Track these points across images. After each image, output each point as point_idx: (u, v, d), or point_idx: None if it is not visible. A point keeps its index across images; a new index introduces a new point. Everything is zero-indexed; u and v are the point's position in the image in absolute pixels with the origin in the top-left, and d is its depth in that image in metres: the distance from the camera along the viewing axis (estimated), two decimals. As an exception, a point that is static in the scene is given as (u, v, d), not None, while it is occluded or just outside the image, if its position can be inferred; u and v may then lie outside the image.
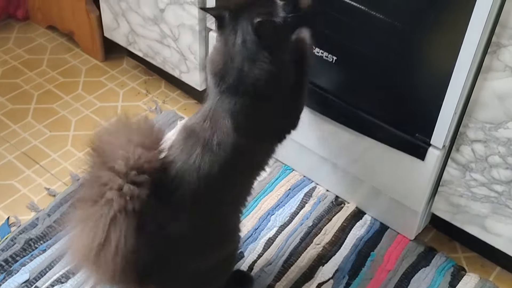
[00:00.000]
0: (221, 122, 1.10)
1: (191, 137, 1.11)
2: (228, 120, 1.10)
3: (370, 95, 1.37)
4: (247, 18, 1.08)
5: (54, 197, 1.57)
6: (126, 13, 1.76)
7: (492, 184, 1.27)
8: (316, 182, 1.63)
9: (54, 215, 1.52)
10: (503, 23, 1.09)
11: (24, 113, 1.80)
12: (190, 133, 1.12)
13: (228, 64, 1.09)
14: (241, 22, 1.08)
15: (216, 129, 1.10)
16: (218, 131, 1.10)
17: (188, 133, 1.13)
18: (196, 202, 1.10)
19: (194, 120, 1.14)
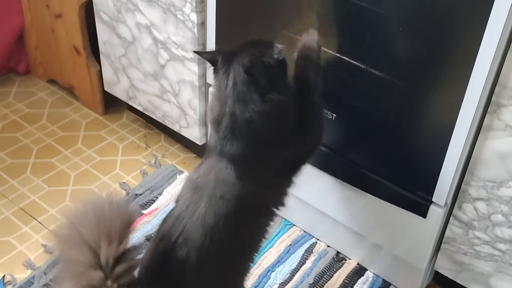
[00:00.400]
0: (224, 172, 1.07)
1: (196, 191, 1.09)
2: (231, 169, 1.07)
3: (370, 152, 1.36)
4: (239, 60, 1.07)
5: (51, 254, 1.55)
6: (126, 69, 1.77)
7: (495, 243, 1.26)
8: (317, 237, 1.61)
9: (51, 273, 1.49)
10: (502, 83, 1.09)
11: (23, 168, 1.79)
12: (194, 187, 1.10)
13: (222, 109, 1.08)
14: (233, 64, 1.07)
15: (220, 180, 1.07)
16: (221, 182, 1.07)
17: (193, 187, 1.10)
18: (201, 259, 1.07)
19: (199, 173, 1.12)
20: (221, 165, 1.08)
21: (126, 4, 1.64)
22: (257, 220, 1.15)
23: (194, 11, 1.49)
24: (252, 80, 1.05)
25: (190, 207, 1.08)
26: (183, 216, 1.08)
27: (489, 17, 1.03)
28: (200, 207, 1.07)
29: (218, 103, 1.09)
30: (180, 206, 1.10)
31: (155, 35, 1.62)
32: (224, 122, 1.07)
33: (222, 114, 1.08)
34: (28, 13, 1.96)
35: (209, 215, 1.06)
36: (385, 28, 1.20)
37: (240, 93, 1.06)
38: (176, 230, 1.08)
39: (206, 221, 1.06)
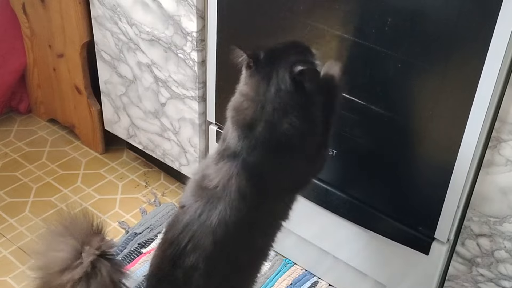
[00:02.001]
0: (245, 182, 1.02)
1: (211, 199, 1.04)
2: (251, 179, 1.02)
3: (371, 188, 1.36)
4: (285, 64, 0.99)
5: (49, 294, 1.52)
6: (127, 107, 1.78)
7: (499, 280, 1.24)
8: (319, 276, 1.59)
9: (48, 313, 1.46)
10: (502, 118, 1.10)
11: (22, 207, 1.78)
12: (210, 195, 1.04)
13: (258, 114, 1.00)
14: (276, 68, 0.99)
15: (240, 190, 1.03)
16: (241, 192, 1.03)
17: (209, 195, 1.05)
18: (210, 268, 1.05)
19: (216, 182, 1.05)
20: (243, 175, 1.02)
21: (128, 43, 1.66)
22: (267, 232, 1.12)
23: (195, 49, 1.51)
24: (297, 90, 0.98)
25: (203, 216, 1.04)
26: (193, 223, 1.05)
27: (487, 52, 1.04)
28: (212, 216, 1.03)
29: (252, 105, 1.01)
30: (191, 213, 1.06)
31: (156, 74, 1.64)
32: (258, 129, 1.00)
33: (257, 120, 1.00)
34: (31, 52, 1.98)
35: (221, 225, 1.03)
36: (384, 65, 1.21)
37: (282, 102, 0.98)
38: (186, 236, 1.05)
39: (217, 230, 1.03)
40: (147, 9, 1.55)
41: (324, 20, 1.26)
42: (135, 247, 1.64)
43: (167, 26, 1.54)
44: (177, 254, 1.07)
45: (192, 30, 1.49)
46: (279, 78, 0.99)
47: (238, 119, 1.03)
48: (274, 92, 0.99)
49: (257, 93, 1.01)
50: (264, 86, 1.00)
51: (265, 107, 0.99)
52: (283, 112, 0.99)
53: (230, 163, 1.04)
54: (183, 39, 1.52)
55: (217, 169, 1.06)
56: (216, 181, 1.06)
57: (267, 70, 1.00)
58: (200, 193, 1.07)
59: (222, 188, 1.05)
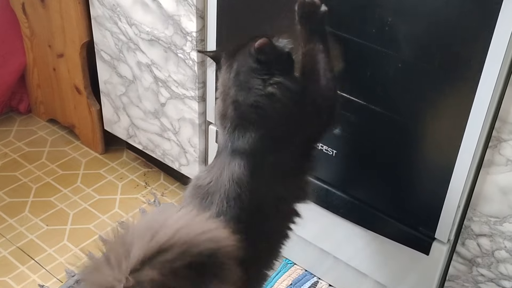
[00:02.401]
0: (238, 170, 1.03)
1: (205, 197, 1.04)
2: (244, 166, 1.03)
3: (371, 188, 1.36)
4: (243, 53, 1.05)
5: (48, 295, 1.52)
6: (127, 107, 1.78)
7: (500, 280, 1.24)
8: (319, 276, 1.58)
9: (48, 314, 1.46)
10: (503, 118, 1.10)
11: (21, 207, 1.78)
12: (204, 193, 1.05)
13: (226, 101, 1.05)
14: (237, 58, 1.06)
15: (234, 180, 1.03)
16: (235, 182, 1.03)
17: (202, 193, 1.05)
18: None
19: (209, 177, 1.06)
20: (234, 164, 1.03)
21: (127, 43, 1.66)
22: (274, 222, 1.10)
23: (195, 49, 1.50)
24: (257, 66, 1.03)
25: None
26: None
27: (488, 52, 1.04)
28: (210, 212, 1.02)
29: (222, 97, 1.06)
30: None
31: (155, 74, 1.64)
32: (229, 113, 1.04)
33: (226, 106, 1.05)
34: (31, 52, 1.98)
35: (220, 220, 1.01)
36: (384, 65, 1.21)
37: (242, 81, 1.03)
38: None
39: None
40: (147, 9, 1.55)
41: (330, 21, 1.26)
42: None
43: (167, 26, 1.53)
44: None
45: (192, 30, 1.49)
46: (238, 65, 1.05)
47: (216, 115, 1.09)
48: (234, 77, 1.05)
49: (223, 85, 1.07)
50: (227, 76, 1.06)
51: (229, 93, 1.05)
52: (246, 90, 1.03)
53: (219, 159, 1.07)
54: (183, 39, 1.52)
55: (209, 169, 1.09)
56: (209, 178, 1.07)
57: (230, 63, 1.07)
58: (195, 193, 1.08)
59: (215, 182, 1.05)
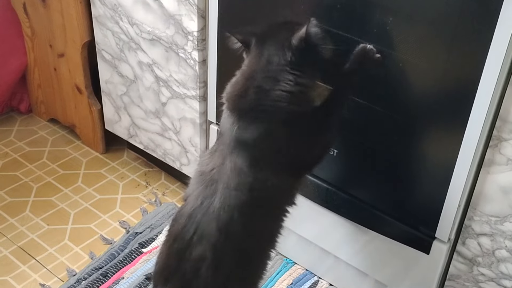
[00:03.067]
0: (239, 160, 1.03)
1: (210, 184, 1.05)
2: (246, 156, 1.03)
3: (371, 187, 1.36)
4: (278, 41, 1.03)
5: (49, 294, 1.53)
6: (128, 107, 1.78)
7: (500, 279, 1.24)
8: (319, 276, 1.59)
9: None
10: (503, 117, 1.10)
11: (22, 206, 1.78)
12: (208, 179, 1.06)
13: (248, 84, 1.03)
14: (268, 46, 1.03)
15: (235, 169, 1.03)
16: (236, 171, 1.03)
17: (207, 180, 1.06)
18: (217, 256, 1.04)
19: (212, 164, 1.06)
20: (236, 152, 1.03)
21: (129, 43, 1.66)
22: (272, 213, 1.11)
23: (196, 49, 1.51)
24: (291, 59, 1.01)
25: (205, 202, 1.04)
26: (196, 213, 1.04)
27: (488, 51, 1.04)
28: (215, 201, 1.03)
29: (242, 79, 1.04)
30: (193, 202, 1.06)
31: (157, 73, 1.64)
32: (249, 96, 1.02)
33: (247, 88, 1.02)
34: (31, 52, 1.98)
35: (224, 209, 1.02)
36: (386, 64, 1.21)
37: (272, 71, 1.01)
38: (190, 228, 1.04)
39: (221, 215, 1.02)
40: (148, 8, 1.56)
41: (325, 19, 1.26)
42: (135, 246, 1.64)
43: (168, 26, 1.54)
44: (183, 248, 1.06)
45: (193, 29, 1.49)
46: (270, 51, 1.02)
47: (230, 93, 1.06)
48: (264, 64, 1.02)
49: (249, 67, 1.05)
50: (256, 61, 1.04)
51: (255, 76, 1.03)
52: (275, 80, 1.01)
53: (223, 145, 1.06)
54: (184, 39, 1.52)
55: (212, 153, 1.09)
56: (211, 164, 1.07)
57: (260, 48, 1.05)
58: (199, 180, 1.08)
59: (218, 170, 1.05)
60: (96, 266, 1.58)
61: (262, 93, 1.02)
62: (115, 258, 1.60)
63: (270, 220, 1.13)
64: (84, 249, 1.66)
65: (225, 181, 1.04)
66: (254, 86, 1.03)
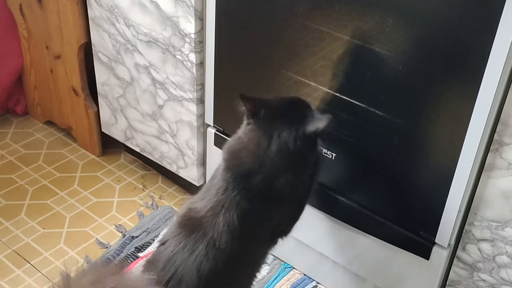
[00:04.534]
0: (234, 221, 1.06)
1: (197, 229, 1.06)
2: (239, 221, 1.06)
3: (371, 192, 1.34)
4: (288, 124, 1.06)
5: (44, 299, 1.51)
6: (124, 109, 1.77)
7: (501, 285, 1.23)
8: (317, 281, 1.57)
9: (43, 318, 1.45)
10: (504, 121, 1.08)
11: (18, 210, 1.76)
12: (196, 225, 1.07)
13: (255, 167, 1.06)
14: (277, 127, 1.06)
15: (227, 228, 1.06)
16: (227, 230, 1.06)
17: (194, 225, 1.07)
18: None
19: (203, 213, 1.08)
20: (234, 212, 1.06)
21: (125, 45, 1.65)
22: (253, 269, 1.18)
23: (193, 51, 1.49)
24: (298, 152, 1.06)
25: (187, 248, 1.05)
26: (176, 258, 1.05)
27: (489, 55, 1.03)
28: (199, 248, 1.04)
29: (251, 158, 1.07)
30: (174, 246, 1.07)
31: (153, 76, 1.62)
32: (255, 180, 1.06)
33: (255, 172, 1.06)
34: (28, 54, 1.97)
35: (208, 260, 1.04)
36: (385, 67, 1.20)
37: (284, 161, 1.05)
38: (167, 273, 1.05)
39: (203, 264, 1.04)
40: (145, 10, 1.54)
41: (323, 21, 1.25)
42: (131, 251, 1.62)
43: (165, 28, 1.52)
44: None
45: (190, 31, 1.47)
46: (281, 139, 1.05)
47: (235, 164, 1.09)
48: (275, 151, 1.05)
49: (258, 147, 1.07)
50: (265, 143, 1.06)
51: (264, 163, 1.06)
52: (282, 169, 1.06)
53: (219, 199, 1.08)
54: (181, 41, 1.51)
55: (205, 203, 1.10)
56: (203, 212, 1.08)
57: (267, 127, 1.07)
58: (185, 224, 1.09)
59: (210, 219, 1.07)
60: (91, 270, 1.56)
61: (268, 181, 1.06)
62: (111, 262, 1.59)
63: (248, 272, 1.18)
64: (79, 253, 1.64)
65: (215, 235, 1.06)
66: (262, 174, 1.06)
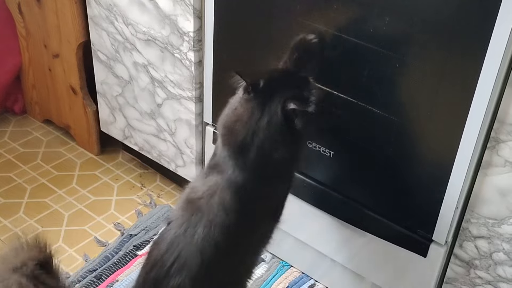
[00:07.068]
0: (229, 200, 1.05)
1: (195, 212, 1.05)
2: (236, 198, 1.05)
3: (368, 190, 1.35)
4: (280, 96, 1.04)
5: (42, 296, 1.51)
6: (123, 108, 1.77)
7: (498, 282, 1.23)
8: (315, 279, 1.57)
9: (42, 315, 1.45)
10: (501, 118, 1.09)
11: (16, 208, 1.76)
12: (195, 208, 1.06)
13: (247, 139, 1.04)
14: (272, 98, 1.04)
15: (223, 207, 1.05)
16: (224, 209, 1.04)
17: (193, 208, 1.06)
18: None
19: (201, 192, 1.07)
20: (227, 191, 1.05)
21: (124, 43, 1.65)
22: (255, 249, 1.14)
23: (192, 49, 1.50)
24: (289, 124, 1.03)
25: (188, 231, 1.04)
26: (179, 241, 1.04)
27: (486, 53, 1.04)
28: (198, 231, 1.03)
29: (244, 130, 1.05)
30: (176, 228, 1.06)
31: (152, 74, 1.63)
32: (250, 154, 1.04)
33: (248, 145, 1.04)
34: (26, 52, 1.97)
35: (208, 241, 1.02)
36: (383, 65, 1.20)
37: (274, 133, 1.04)
38: (171, 256, 1.04)
39: (204, 248, 1.02)
40: (144, 8, 1.54)
41: (321, 20, 1.25)
42: (130, 249, 1.63)
43: (164, 26, 1.53)
44: (161, 277, 1.04)
45: (189, 30, 1.48)
46: (271, 110, 1.04)
47: (229, 139, 1.07)
48: (266, 122, 1.03)
49: (251, 119, 1.05)
50: (258, 114, 1.04)
51: (257, 135, 1.04)
52: (273, 142, 1.04)
53: (216, 178, 1.07)
54: (179, 39, 1.51)
55: (204, 182, 1.09)
56: (201, 193, 1.07)
57: (263, 99, 1.05)
58: (186, 206, 1.08)
59: (205, 201, 1.06)
60: (90, 268, 1.57)
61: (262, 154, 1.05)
62: (110, 260, 1.59)
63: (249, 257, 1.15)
64: (78, 251, 1.64)
65: (211, 216, 1.05)
66: (255, 146, 1.04)
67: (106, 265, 1.57)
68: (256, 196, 1.08)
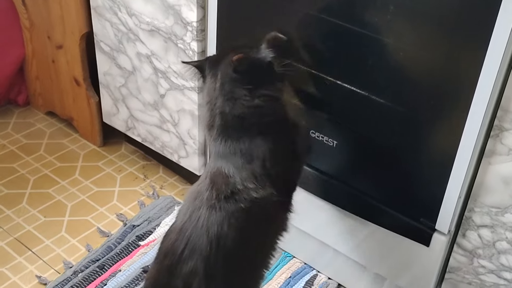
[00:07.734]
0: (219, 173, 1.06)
1: (196, 197, 1.07)
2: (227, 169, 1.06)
3: (372, 179, 1.35)
4: (225, 63, 1.07)
5: (45, 286, 1.51)
6: (126, 99, 1.77)
7: (501, 271, 1.23)
8: (318, 269, 1.58)
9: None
10: (505, 107, 1.09)
11: (19, 198, 1.77)
12: (195, 193, 1.08)
13: (213, 111, 1.07)
14: (220, 68, 1.08)
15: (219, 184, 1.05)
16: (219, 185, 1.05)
17: (194, 196, 1.08)
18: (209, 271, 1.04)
19: (199, 181, 1.11)
20: (218, 167, 1.06)
21: (127, 34, 1.65)
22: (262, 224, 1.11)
23: (195, 39, 1.50)
24: (240, 77, 1.05)
25: (193, 215, 1.05)
26: (187, 227, 1.05)
27: (490, 40, 1.04)
28: (202, 213, 1.04)
29: (208, 107, 1.09)
30: (182, 216, 1.07)
31: (155, 65, 1.63)
32: (216, 123, 1.07)
33: (213, 116, 1.07)
34: (29, 44, 1.97)
35: (212, 221, 1.03)
36: (386, 55, 1.20)
37: (227, 92, 1.05)
38: (181, 243, 1.04)
39: (210, 227, 1.03)
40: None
41: (324, 9, 1.25)
42: (133, 239, 1.63)
43: (167, 16, 1.53)
44: (174, 263, 1.05)
45: (192, 20, 1.48)
46: (222, 73, 1.07)
47: (204, 124, 1.12)
48: (219, 87, 1.06)
49: (209, 95, 1.09)
50: (213, 86, 1.08)
51: (216, 103, 1.07)
52: (233, 100, 1.05)
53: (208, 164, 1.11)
54: (183, 29, 1.51)
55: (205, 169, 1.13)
56: (203, 178, 1.10)
57: (213, 72, 1.09)
58: (190, 196, 1.11)
59: (203, 185, 1.08)
60: (93, 258, 1.57)
61: (226, 116, 1.06)
62: (112, 250, 1.59)
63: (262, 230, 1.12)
64: (81, 241, 1.65)
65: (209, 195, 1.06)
66: (218, 113, 1.07)
67: (108, 255, 1.58)
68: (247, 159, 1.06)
